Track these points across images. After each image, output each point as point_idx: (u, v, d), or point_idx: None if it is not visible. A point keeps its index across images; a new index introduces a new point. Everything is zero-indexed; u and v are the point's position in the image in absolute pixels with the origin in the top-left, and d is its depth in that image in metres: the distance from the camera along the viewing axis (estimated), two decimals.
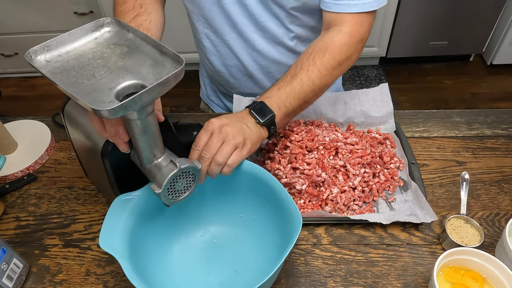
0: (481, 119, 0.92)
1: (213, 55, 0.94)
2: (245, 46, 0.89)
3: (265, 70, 0.93)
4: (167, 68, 0.51)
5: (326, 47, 0.74)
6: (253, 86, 0.98)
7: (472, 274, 0.61)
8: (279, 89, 0.72)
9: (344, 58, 0.75)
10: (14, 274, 0.66)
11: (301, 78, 0.73)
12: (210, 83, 1.09)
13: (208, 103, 1.14)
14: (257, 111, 0.69)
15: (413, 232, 0.72)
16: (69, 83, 0.49)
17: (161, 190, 0.56)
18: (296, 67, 0.74)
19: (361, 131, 0.88)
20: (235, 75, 0.95)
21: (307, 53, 0.76)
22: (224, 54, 0.92)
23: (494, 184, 0.79)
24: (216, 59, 0.94)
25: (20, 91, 2.51)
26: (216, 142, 0.63)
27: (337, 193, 0.75)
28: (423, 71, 2.44)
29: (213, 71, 0.98)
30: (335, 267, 0.68)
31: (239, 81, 0.96)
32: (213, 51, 0.93)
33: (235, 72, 0.95)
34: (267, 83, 0.96)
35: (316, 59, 0.74)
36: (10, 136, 0.89)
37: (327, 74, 0.74)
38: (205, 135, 0.64)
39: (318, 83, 0.74)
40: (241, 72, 0.94)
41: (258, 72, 0.94)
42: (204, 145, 0.63)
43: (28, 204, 0.80)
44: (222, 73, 0.96)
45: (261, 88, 0.97)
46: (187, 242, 0.71)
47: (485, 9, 2.14)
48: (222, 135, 0.63)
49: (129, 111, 0.48)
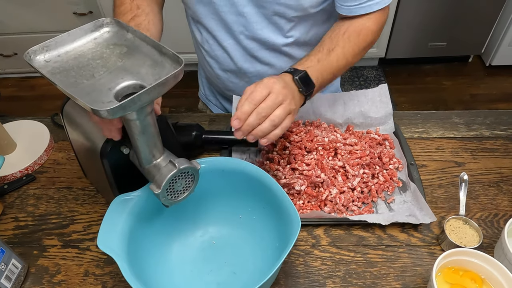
0: (480, 120, 0.92)
1: (211, 59, 0.94)
2: (242, 52, 0.89)
3: (262, 75, 0.93)
4: (167, 68, 0.51)
5: (360, 29, 0.78)
6: None
7: (471, 275, 0.61)
8: (318, 61, 0.73)
9: (372, 42, 0.80)
10: (13, 274, 0.66)
11: (337, 53, 0.74)
12: (208, 84, 1.09)
13: (206, 103, 1.14)
14: (302, 81, 0.69)
15: (412, 233, 0.72)
16: (68, 83, 0.49)
17: (160, 190, 0.56)
18: (331, 42, 0.76)
19: (360, 132, 0.88)
20: (232, 79, 0.95)
21: (339, 32, 0.77)
22: (222, 59, 0.91)
23: (492, 185, 0.79)
24: (214, 63, 0.94)
25: (19, 91, 2.51)
26: (274, 103, 0.61)
27: (336, 193, 0.75)
28: (422, 72, 2.44)
29: (212, 73, 0.98)
30: (334, 267, 0.68)
31: (236, 85, 0.96)
32: (211, 55, 0.92)
33: (232, 76, 0.95)
34: None
35: (351, 39, 0.76)
36: (9, 137, 0.89)
37: (358, 54, 0.78)
38: (264, 91, 0.62)
39: (350, 60, 0.77)
40: (238, 76, 0.94)
41: (255, 77, 0.93)
42: (261, 102, 0.61)
43: (27, 205, 0.80)
44: (220, 77, 0.96)
45: None
46: (186, 242, 0.70)
47: (484, 10, 2.14)
48: (281, 97, 0.62)
49: (128, 111, 0.48)
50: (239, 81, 0.95)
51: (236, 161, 0.68)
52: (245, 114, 0.61)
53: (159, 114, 0.62)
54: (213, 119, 0.96)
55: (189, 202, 0.64)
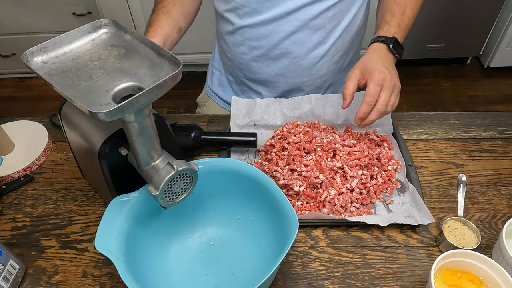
0: (478, 122, 0.93)
1: (247, 43, 0.96)
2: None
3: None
4: (165, 70, 0.51)
5: None
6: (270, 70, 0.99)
7: (469, 276, 0.61)
8: (399, 26, 0.83)
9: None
10: (10, 275, 0.65)
11: (408, 15, 0.85)
12: (226, 74, 1.09)
13: (210, 95, 1.14)
14: (395, 47, 0.81)
15: (410, 234, 0.72)
16: (65, 84, 0.49)
17: (158, 192, 0.56)
18: (399, 5, 0.85)
19: (359, 133, 0.88)
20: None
21: None
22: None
23: (491, 186, 0.79)
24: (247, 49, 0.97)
25: (17, 91, 2.50)
26: (387, 96, 0.74)
27: (334, 195, 0.75)
28: (420, 74, 2.44)
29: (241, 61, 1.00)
30: (333, 269, 0.68)
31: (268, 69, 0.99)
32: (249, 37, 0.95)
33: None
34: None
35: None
36: (7, 137, 0.89)
37: (419, 8, 0.88)
38: (377, 88, 0.74)
39: (416, 14, 0.87)
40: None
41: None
42: (377, 99, 0.74)
43: (24, 205, 0.80)
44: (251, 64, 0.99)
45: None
46: (184, 243, 0.70)
47: (482, 12, 2.14)
48: (391, 88, 0.75)
49: (126, 113, 0.48)
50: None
51: (234, 162, 0.68)
52: (366, 114, 0.75)
53: None
54: (212, 120, 0.96)
55: (188, 203, 0.64)
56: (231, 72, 1.06)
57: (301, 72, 0.97)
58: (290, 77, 0.98)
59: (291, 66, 0.96)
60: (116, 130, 0.60)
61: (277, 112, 0.90)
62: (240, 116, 0.90)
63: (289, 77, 0.98)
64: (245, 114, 0.90)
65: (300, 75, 0.98)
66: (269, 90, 1.02)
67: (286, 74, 0.97)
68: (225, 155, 0.85)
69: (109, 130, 0.60)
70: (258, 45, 0.94)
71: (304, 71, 0.97)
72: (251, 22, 0.91)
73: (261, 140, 0.87)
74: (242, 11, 0.91)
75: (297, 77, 0.98)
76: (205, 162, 0.67)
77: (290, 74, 0.98)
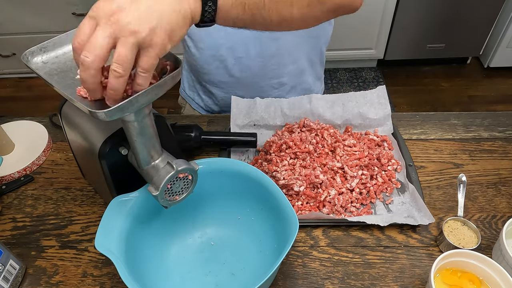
0: (478, 122, 0.93)
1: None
2: None
3: None
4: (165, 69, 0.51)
5: None
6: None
7: (469, 276, 0.61)
8: None
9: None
10: (10, 275, 0.65)
11: None
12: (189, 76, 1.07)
13: (185, 98, 1.14)
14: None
15: (410, 234, 0.72)
16: (65, 84, 0.49)
17: (158, 192, 0.56)
18: None
19: (359, 133, 0.88)
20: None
21: None
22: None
23: (491, 186, 0.79)
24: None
25: (17, 91, 2.50)
26: (101, 38, 0.41)
27: (334, 195, 0.75)
28: (420, 74, 2.44)
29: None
30: (333, 269, 0.68)
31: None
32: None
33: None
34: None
35: None
36: (7, 137, 0.89)
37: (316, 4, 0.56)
38: (87, 24, 0.42)
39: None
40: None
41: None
42: (86, 42, 0.41)
43: (24, 205, 0.80)
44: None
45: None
46: (184, 243, 0.70)
47: (482, 12, 2.15)
48: (112, 27, 0.41)
49: (126, 113, 0.48)
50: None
51: (234, 162, 0.68)
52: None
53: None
54: (212, 120, 0.96)
55: (188, 203, 0.64)
56: (193, 73, 1.05)
57: (249, 72, 0.94)
58: (241, 78, 0.96)
59: (239, 66, 0.94)
60: (116, 129, 0.60)
61: (277, 112, 0.90)
62: (240, 116, 0.90)
63: (240, 78, 0.96)
64: (245, 114, 0.90)
65: (250, 75, 0.95)
66: (225, 92, 1.00)
67: (235, 75, 0.95)
68: (225, 155, 0.85)
69: (109, 129, 0.60)
70: (204, 46, 0.92)
71: (253, 71, 0.94)
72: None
73: (261, 140, 0.87)
74: None
75: (248, 78, 0.95)
76: (205, 162, 0.67)
77: (239, 75, 0.95)
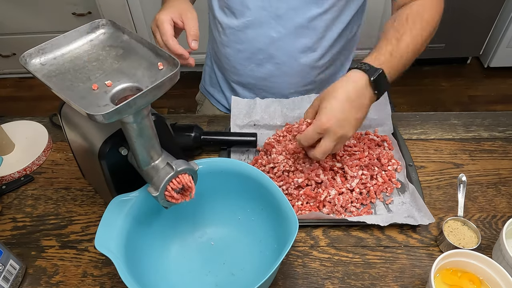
0: (478, 122, 0.93)
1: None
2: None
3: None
4: (163, 70, 0.51)
5: (423, 10, 0.73)
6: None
7: (469, 276, 0.61)
8: (391, 55, 0.67)
9: (437, 23, 0.75)
10: (11, 275, 0.65)
11: (406, 41, 0.69)
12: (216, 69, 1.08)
13: (205, 94, 1.14)
14: (379, 82, 0.65)
15: (410, 234, 0.72)
16: (64, 86, 0.49)
17: (158, 193, 0.56)
18: (397, 31, 0.70)
19: (359, 133, 0.88)
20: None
21: (401, 18, 0.72)
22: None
23: (491, 186, 0.79)
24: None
25: (17, 91, 2.50)
26: (327, 145, 0.65)
27: (334, 195, 0.75)
28: (420, 74, 2.44)
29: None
30: (333, 269, 0.68)
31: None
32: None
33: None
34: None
35: (416, 22, 0.71)
36: (7, 137, 0.89)
37: (427, 38, 0.72)
38: (315, 133, 0.66)
39: (419, 47, 0.71)
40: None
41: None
42: (318, 145, 0.66)
43: (25, 205, 0.80)
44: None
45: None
46: (184, 243, 0.70)
47: (482, 12, 2.14)
48: (333, 138, 0.65)
49: (124, 115, 0.48)
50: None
51: (234, 162, 0.68)
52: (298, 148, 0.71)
53: (195, 49, 0.69)
54: (212, 120, 0.96)
55: (188, 203, 0.63)
56: (221, 70, 1.05)
57: (285, 78, 0.95)
58: (274, 83, 0.96)
59: (275, 72, 0.94)
60: (116, 130, 0.60)
61: (277, 112, 0.90)
62: (240, 116, 0.90)
63: (274, 83, 0.96)
64: (245, 114, 0.90)
65: (284, 81, 0.96)
66: (252, 93, 1.01)
67: (270, 79, 0.96)
68: (225, 155, 0.85)
69: (109, 130, 0.60)
70: (243, 48, 0.93)
71: (288, 77, 0.95)
72: (236, 23, 0.90)
73: (261, 140, 0.87)
74: (229, 10, 0.89)
75: (281, 84, 0.96)
76: (205, 162, 0.67)
77: (274, 80, 0.96)
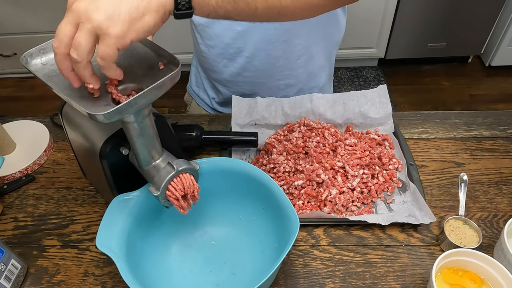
0: (479, 121, 0.92)
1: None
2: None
3: None
4: (163, 70, 0.51)
5: None
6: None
7: (470, 275, 0.61)
8: None
9: None
10: (12, 275, 0.66)
11: None
12: (200, 71, 1.07)
13: (191, 94, 1.14)
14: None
15: (411, 233, 0.72)
16: (64, 86, 0.49)
17: (159, 192, 0.56)
18: None
19: (360, 132, 0.88)
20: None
21: None
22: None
23: (492, 185, 0.79)
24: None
25: (18, 91, 2.51)
26: (64, 25, 0.45)
27: (335, 194, 0.75)
28: (421, 73, 2.44)
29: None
30: (334, 268, 0.68)
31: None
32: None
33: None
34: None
35: None
36: (8, 137, 0.89)
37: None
38: (68, 24, 0.46)
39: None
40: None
41: None
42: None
43: (26, 205, 0.80)
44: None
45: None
46: (185, 243, 0.70)
47: (483, 10, 2.14)
48: (73, 13, 0.46)
49: (125, 114, 0.48)
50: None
51: (235, 161, 0.68)
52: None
53: None
54: (213, 119, 0.96)
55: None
56: (203, 70, 1.04)
57: (256, 72, 0.94)
58: (247, 77, 0.95)
59: (246, 66, 0.93)
60: (117, 129, 0.60)
61: (278, 111, 0.90)
62: (241, 115, 0.90)
63: (247, 77, 0.95)
64: (246, 113, 0.90)
65: (257, 76, 0.94)
66: (231, 90, 1.00)
67: (243, 73, 0.95)
68: (226, 154, 0.85)
69: (110, 129, 0.60)
70: (213, 44, 0.92)
71: (260, 71, 0.93)
72: (203, 20, 0.89)
73: (262, 140, 0.87)
74: None
75: (255, 78, 0.95)
76: (206, 161, 0.67)
77: (247, 74, 0.95)
